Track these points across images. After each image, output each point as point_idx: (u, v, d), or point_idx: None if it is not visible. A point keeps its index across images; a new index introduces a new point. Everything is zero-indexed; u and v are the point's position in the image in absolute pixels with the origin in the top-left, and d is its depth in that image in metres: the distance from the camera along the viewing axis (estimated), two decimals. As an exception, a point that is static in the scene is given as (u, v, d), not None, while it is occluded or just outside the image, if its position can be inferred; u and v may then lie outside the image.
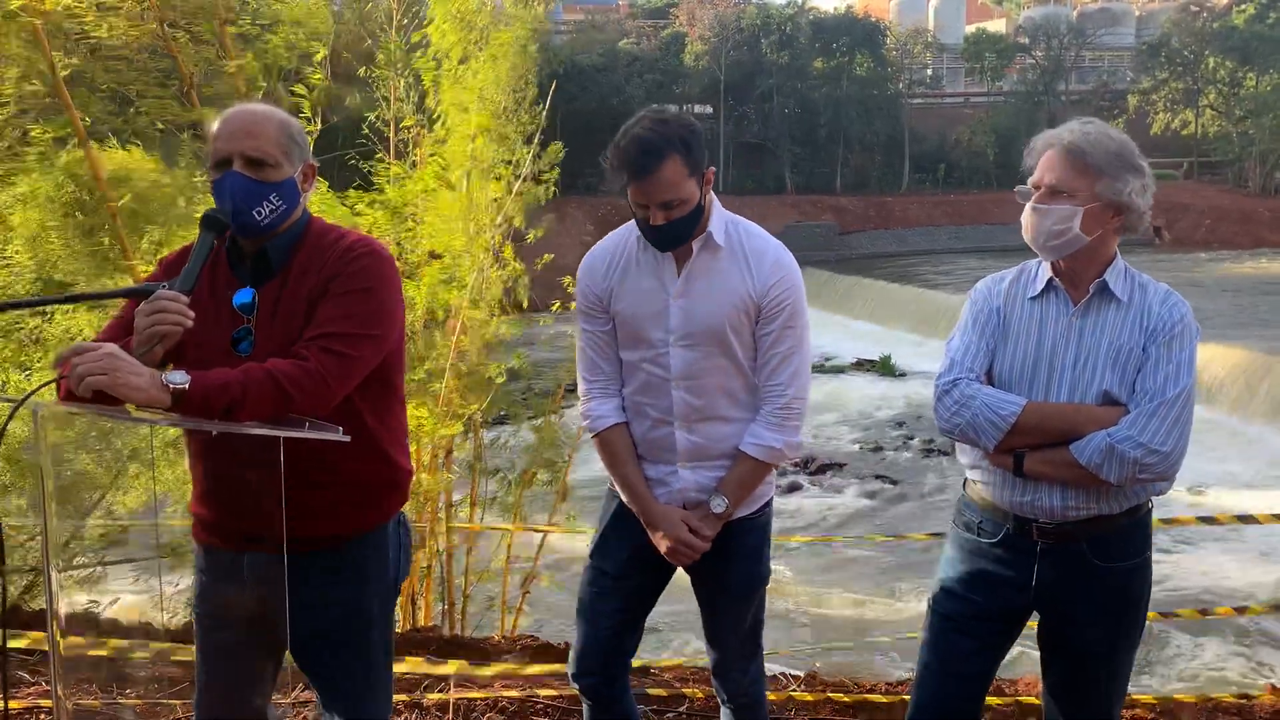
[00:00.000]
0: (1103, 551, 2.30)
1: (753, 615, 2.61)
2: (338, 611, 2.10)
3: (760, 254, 2.42)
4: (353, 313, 2.03)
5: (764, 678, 2.74)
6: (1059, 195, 2.23)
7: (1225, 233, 46.69)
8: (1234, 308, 27.31)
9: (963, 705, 2.42)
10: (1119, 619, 2.34)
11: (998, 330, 2.35)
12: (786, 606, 11.57)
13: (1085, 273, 2.30)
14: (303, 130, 2.17)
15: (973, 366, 2.32)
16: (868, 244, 45.59)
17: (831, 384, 23.90)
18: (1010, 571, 2.35)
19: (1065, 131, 2.27)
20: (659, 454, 2.50)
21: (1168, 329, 2.24)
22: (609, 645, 2.57)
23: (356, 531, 2.15)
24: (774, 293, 2.40)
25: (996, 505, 2.36)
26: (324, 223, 2.20)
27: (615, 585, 2.56)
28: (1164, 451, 2.18)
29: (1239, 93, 53.65)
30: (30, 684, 3.96)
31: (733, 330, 2.41)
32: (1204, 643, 10.48)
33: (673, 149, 2.28)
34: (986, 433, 2.27)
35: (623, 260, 2.48)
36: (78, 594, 5.02)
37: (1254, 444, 17.85)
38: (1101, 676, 2.37)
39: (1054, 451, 2.24)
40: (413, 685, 4.02)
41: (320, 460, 1.99)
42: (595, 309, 2.50)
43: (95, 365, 1.75)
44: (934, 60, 61.29)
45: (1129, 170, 2.23)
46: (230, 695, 2.21)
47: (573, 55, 44.98)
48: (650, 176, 2.28)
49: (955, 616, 2.40)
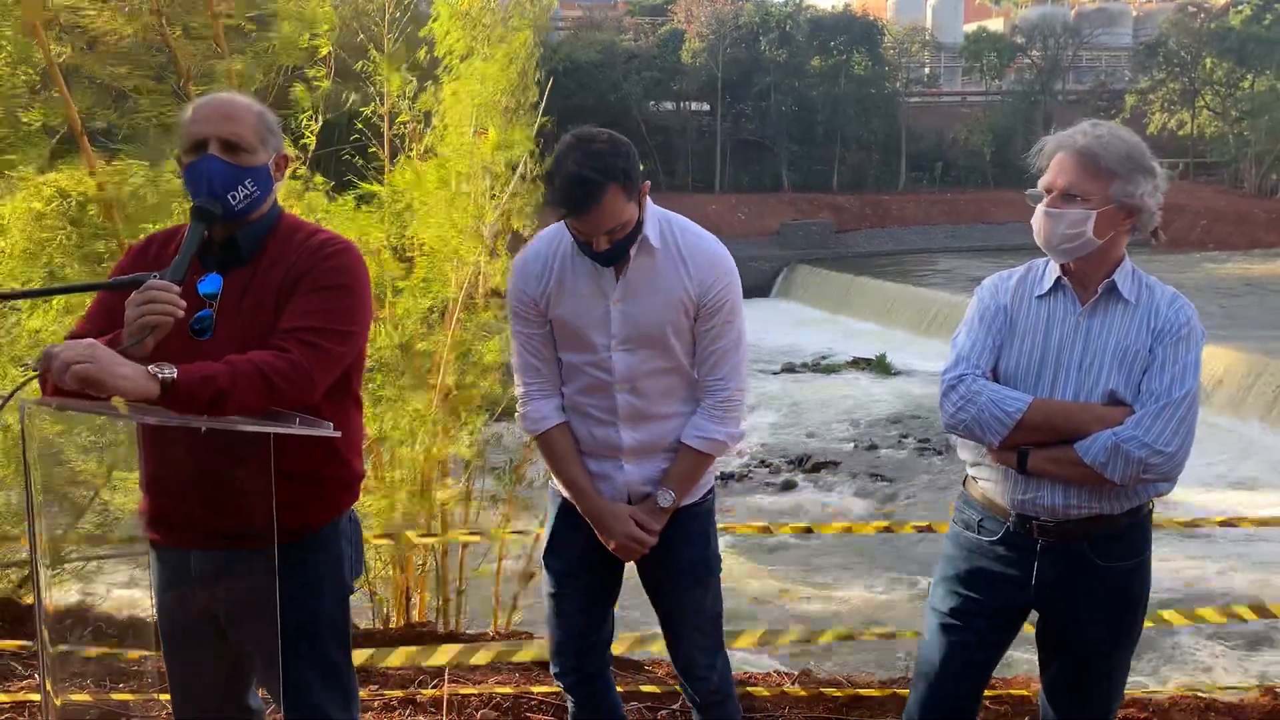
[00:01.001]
0: (1104, 551, 2.31)
1: (710, 605, 2.60)
2: (287, 606, 2.04)
3: (696, 251, 2.41)
4: (329, 307, 2.02)
5: (730, 672, 2.73)
6: (1072, 199, 2.23)
7: (1221, 233, 46.78)
8: (1229, 308, 27.37)
9: (961, 703, 2.42)
10: (1119, 618, 2.35)
11: (1004, 328, 2.35)
12: (778, 602, 11.59)
13: (1094, 273, 2.30)
14: (277, 121, 2.17)
15: (979, 363, 2.32)
16: (864, 242, 45.60)
17: (827, 382, 23.96)
18: (1010, 570, 2.35)
19: (1077, 134, 2.26)
20: (603, 451, 2.50)
21: (1174, 330, 2.25)
22: (580, 642, 2.59)
23: (307, 528, 2.13)
24: (712, 291, 2.40)
25: (998, 503, 2.36)
26: (295, 217, 2.20)
27: (572, 584, 2.57)
28: (1168, 452, 2.18)
29: (1235, 94, 53.74)
30: (24, 677, 3.95)
31: (673, 332, 2.41)
32: (1193, 644, 10.51)
33: (612, 180, 2.24)
34: (991, 429, 2.26)
35: (557, 263, 2.43)
36: (69, 589, 5.01)
37: (1248, 444, 17.90)
38: (1100, 676, 2.37)
39: (1058, 450, 2.24)
40: (406, 681, 4.01)
41: (276, 457, 1.94)
42: (530, 312, 2.46)
43: (82, 353, 1.73)
44: (931, 59, 61.35)
45: (1141, 172, 2.23)
46: (209, 694, 2.21)
47: (571, 52, 44.94)
48: (590, 212, 2.25)
49: (954, 614, 2.40)
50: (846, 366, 25.83)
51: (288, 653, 2.07)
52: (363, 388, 2.32)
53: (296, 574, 2.08)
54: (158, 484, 2.12)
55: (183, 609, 2.14)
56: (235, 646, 2.16)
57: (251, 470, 1.88)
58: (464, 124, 5.84)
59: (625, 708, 3.74)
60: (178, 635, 2.18)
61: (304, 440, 1.91)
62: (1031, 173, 2.34)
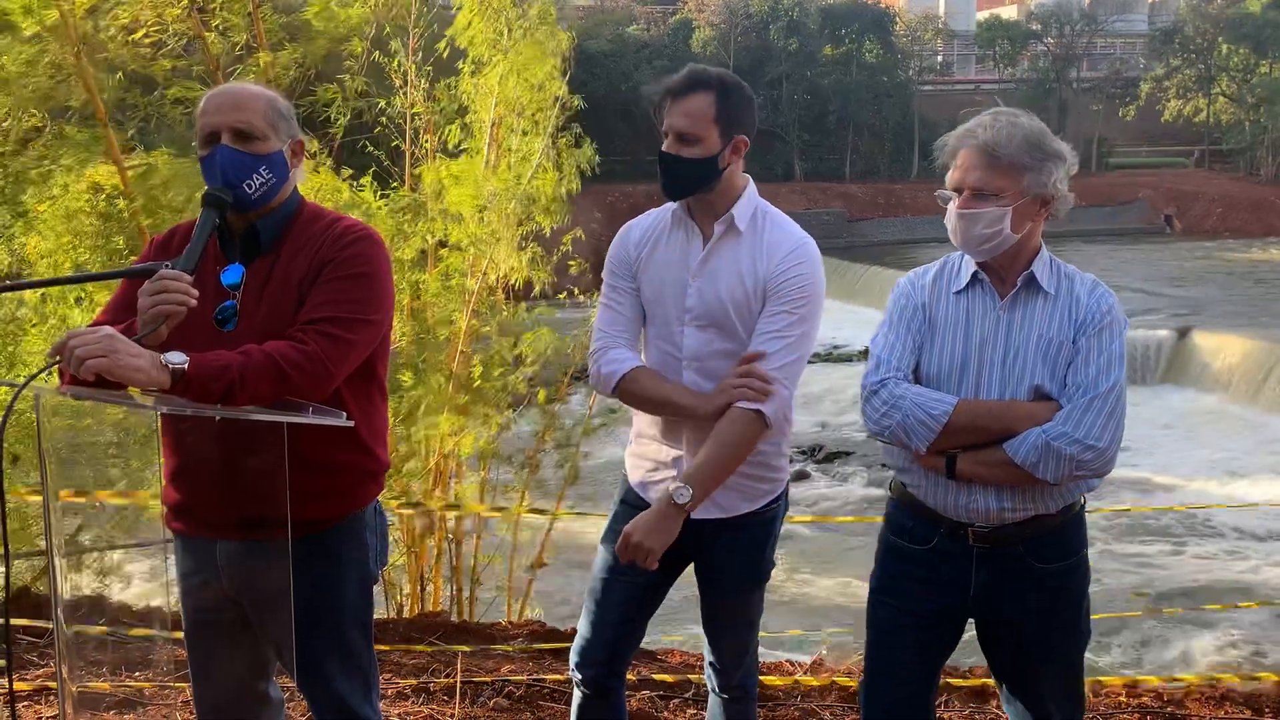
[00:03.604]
0: (1040, 553, 2.24)
1: (749, 612, 2.57)
2: (312, 596, 2.06)
3: (777, 244, 2.40)
4: (349, 297, 2.02)
5: (757, 674, 2.71)
6: (985, 197, 2.15)
7: (1236, 221, 46.38)
8: (1244, 296, 27.17)
9: (911, 710, 2.36)
10: (1062, 619, 2.28)
11: (924, 327, 2.27)
12: (792, 592, 11.58)
13: (1012, 266, 2.23)
14: (290, 107, 2.16)
15: (899, 365, 2.24)
16: (876, 231, 45.43)
17: (840, 372, 23.84)
18: (945, 577, 2.27)
19: (977, 128, 2.18)
20: (667, 437, 2.47)
21: (1096, 320, 2.18)
22: (614, 634, 2.53)
23: (332, 519, 2.13)
24: (783, 278, 2.36)
25: (929, 509, 2.28)
26: (316, 206, 2.20)
27: (625, 572, 2.49)
28: (1100, 447, 2.12)
29: (1252, 80, 53.19)
30: (40, 666, 3.98)
31: (737, 313, 2.38)
32: (1202, 635, 10.45)
33: (711, 88, 2.33)
34: (918, 434, 2.19)
35: (654, 234, 2.49)
36: (86, 578, 5.04)
37: (1262, 432, 17.78)
38: (1050, 676, 2.31)
39: (987, 452, 2.17)
40: (420, 669, 4.03)
41: (300, 447, 1.94)
42: (623, 272, 2.49)
43: (95, 347, 1.74)
44: (944, 47, 60.91)
45: (1050, 159, 2.15)
46: (230, 683, 2.21)
47: (582, 41, 44.82)
48: (679, 99, 2.34)
49: (891, 625, 2.34)
50: (859, 356, 25.76)
51: (310, 641, 2.08)
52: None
53: (322, 564, 2.09)
54: (181, 474, 2.12)
55: (207, 598, 2.14)
56: (258, 636, 2.16)
57: (271, 460, 1.87)
58: (486, 114, 5.90)
59: (638, 695, 3.76)
60: (200, 624, 2.19)
61: (328, 430, 1.90)
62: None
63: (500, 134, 6.24)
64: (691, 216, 2.45)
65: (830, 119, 50.11)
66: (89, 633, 3.60)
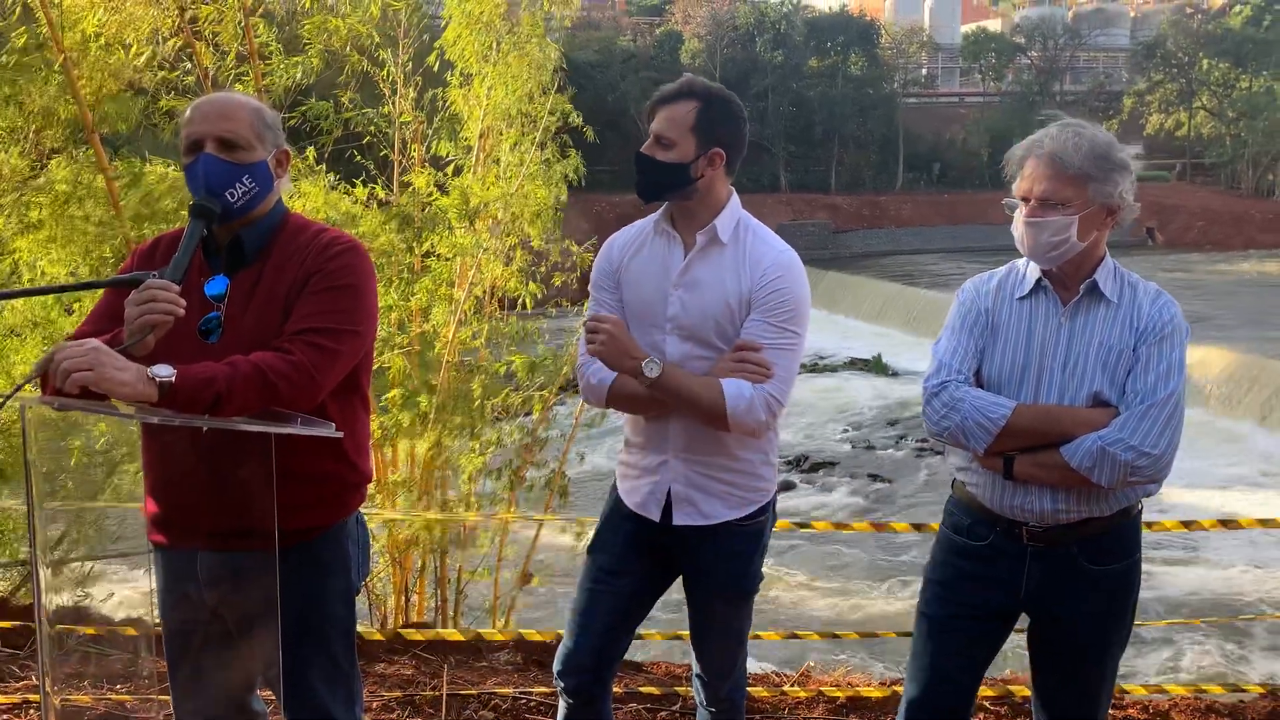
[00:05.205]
0: (1093, 554, 2.29)
1: (737, 623, 2.57)
2: (296, 607, 2.04)
3: (760, 257, 2.41)
4: (335, 308, 2.02)
5: (745, 686, 2.71)
6: (1052, 206, 2.20)
7: (1217, 234, 46.80)
8: (1226, 309, 27.38)
9: (954, 705, 2.41)
10: (1110, 621, 2.33)
11: (986, 331, 2.32)
12: (779, 602, 11.58)
13: (1076, 273, 2.27)
14: (277, 117, 2.16)
15: (961, 368, 2.29)
16: (861, 243, 45.61)
17: (824, 383, 23.92)
18: (1000, 574, 2.33)
19: (1045, 139, 2.23)
20: (653, 443, 2.48)
21: (1158, 329, 2.22)
22: (600, 642, 2.52)
23: (314, 530, 2.12)
24: (767, 291, 2.37)
25: (986, 507, 2.34)
26: (301, 217, 2.19)
27: (611, 581, 2.52)
28: (1155, 454, 2.16)
29: (1233, 95, 53.76)
30: (20, 679, 3.94)
31: (718, 331, 2.40)
32: (1194, 646, 10.50)
33: (696, 98, 2.37)
34: (976, 435, 2.24)
35: (637, 243, 2.52)
36: (69, 589, 4.99)
37: (1244, 444, 17.91)
38: (1091, 677, 2.36)
39: (1044, 454, 2.22)
40: (406, 682, 4.01)
41: (283, 458, 1.92)
42: (607, 281, 2.52)
43: (80, 360, 1.73)
44: (929, 60, 61.36)
45: (1116, 169, 2.20)
46: (212, 696, 2.20)
47: (569, 52, 44.91)
48: (665, 104, 2.39)
49: (944, 618, 2.38)
50: (843, 367, 25.84)
51: (293, 653, 2.06)
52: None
53: (304, 575, 2.08)
54: (163, 486, 2.11)
55: (188, 610, 2.13)
56: (240, 648, 2.15)
57: (255, 471, 1.87)
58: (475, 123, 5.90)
59: (625, 708, 3.75)
60: (182, 637, 2.17)
61: (311, 441, 1.90)
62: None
63: (488, 144, 6.25)
64: (674, 226, 2.48)
65: (816, 131, 50.33)
66: (71, 645, 3.56)
